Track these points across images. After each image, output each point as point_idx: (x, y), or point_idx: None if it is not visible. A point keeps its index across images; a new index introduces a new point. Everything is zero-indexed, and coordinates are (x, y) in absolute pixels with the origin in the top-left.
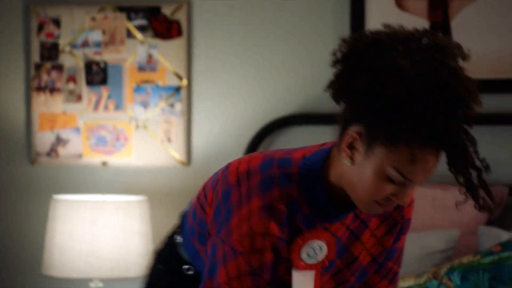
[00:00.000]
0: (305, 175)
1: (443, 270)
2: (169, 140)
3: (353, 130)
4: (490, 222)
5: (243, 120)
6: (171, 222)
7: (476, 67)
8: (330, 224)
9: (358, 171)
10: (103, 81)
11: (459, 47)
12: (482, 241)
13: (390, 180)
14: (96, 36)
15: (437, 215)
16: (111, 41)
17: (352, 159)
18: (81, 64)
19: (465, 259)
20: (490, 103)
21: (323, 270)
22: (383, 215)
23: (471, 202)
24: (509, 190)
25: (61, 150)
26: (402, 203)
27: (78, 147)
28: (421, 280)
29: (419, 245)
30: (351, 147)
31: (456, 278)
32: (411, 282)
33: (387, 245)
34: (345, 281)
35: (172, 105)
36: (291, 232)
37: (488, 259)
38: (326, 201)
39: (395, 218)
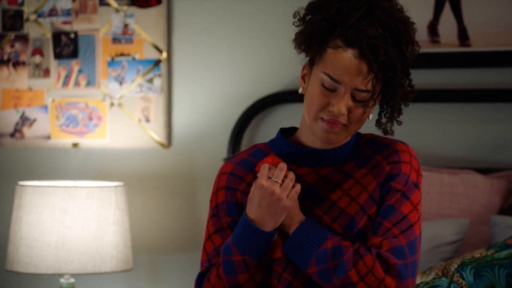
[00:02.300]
0: (272, 139)
1: (453, 266)
2: (147, 119)
3: (303, 65)
4: (503, 211)
5: (229, 98)
6: (149, 210)
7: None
8: (297, 166)
9: (307, 94)
10: (74, 54)
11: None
12: (494, 232)
13: (324, 86)
14: (65, 3)
15: (444, 203)
16: (82, 9)
17: (304, 88)
18: (48, 35)
19: (477, 253)
20: (502, 77)
21: None
22: (370, 165)
23: (483, 188)
24: None
25: (27, 131)
26: (337, 110)
27: (46, 128)
28: (429, 278)
29: (425, 236)
30: (304, 79)
31: (468, 275)
32: (417, 279)
33: (370, 189)
34: (327, 228)
35: (150, 81)
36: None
37: (503, 253)
38: (288, 147)
39: (379, 162)
